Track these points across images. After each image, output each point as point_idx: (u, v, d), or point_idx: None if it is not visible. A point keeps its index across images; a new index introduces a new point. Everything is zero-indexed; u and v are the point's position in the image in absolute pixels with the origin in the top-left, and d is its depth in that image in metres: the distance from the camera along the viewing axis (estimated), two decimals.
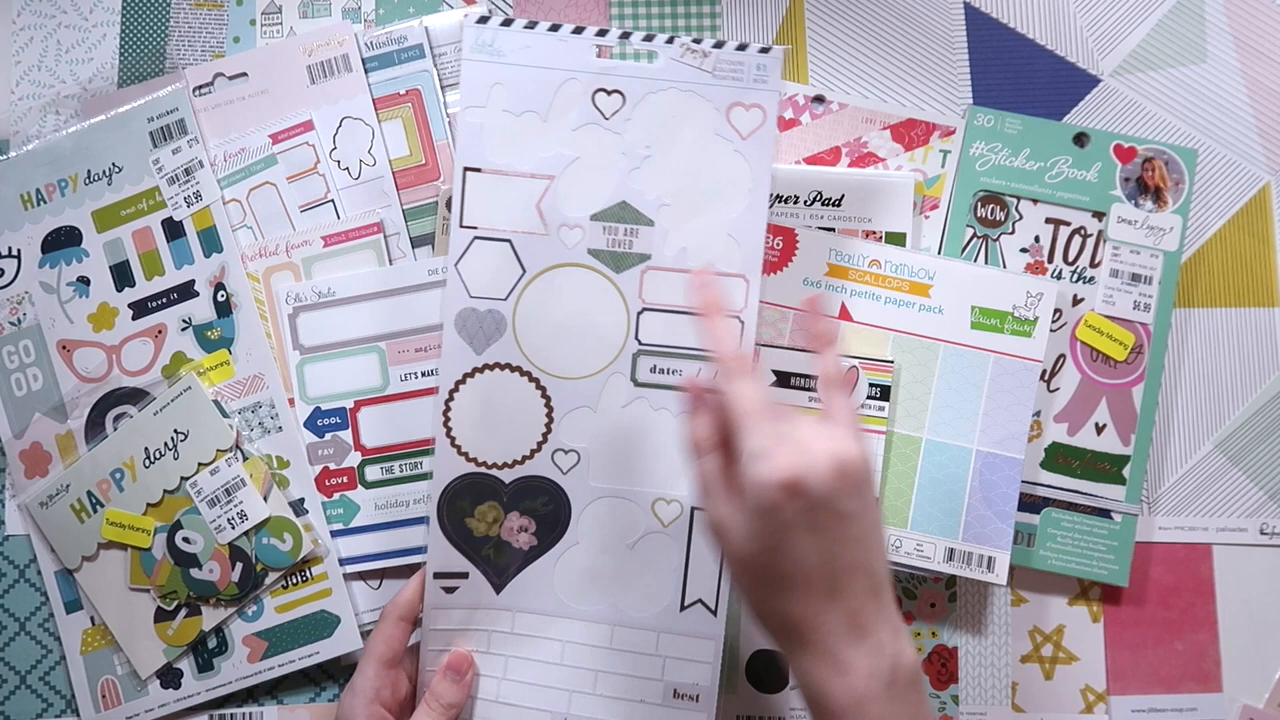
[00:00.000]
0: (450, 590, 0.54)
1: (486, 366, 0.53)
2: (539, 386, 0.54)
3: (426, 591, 0.55)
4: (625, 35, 0.51)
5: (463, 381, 0.53)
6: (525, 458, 0.54)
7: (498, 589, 0.55)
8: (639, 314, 0.53)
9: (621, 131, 0.52)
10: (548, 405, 0.54)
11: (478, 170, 0.52)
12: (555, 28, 0.51)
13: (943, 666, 0.60)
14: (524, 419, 0.54)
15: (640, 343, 0.53)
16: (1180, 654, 0.60)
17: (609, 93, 0.52)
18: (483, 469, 0.54)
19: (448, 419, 0.54)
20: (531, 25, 0.51)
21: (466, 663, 0.54)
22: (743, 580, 0.45)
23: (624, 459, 0.55)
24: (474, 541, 0.54)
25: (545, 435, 0.54)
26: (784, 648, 0.45)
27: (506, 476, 0.54)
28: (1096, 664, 0.60)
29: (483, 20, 0.52)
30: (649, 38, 0.51)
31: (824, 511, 0.43)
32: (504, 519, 0.54)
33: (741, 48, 0.51)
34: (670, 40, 0.51)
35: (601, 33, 0.51)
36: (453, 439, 0.54)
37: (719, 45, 0.51)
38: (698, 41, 0.51)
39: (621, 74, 0.52)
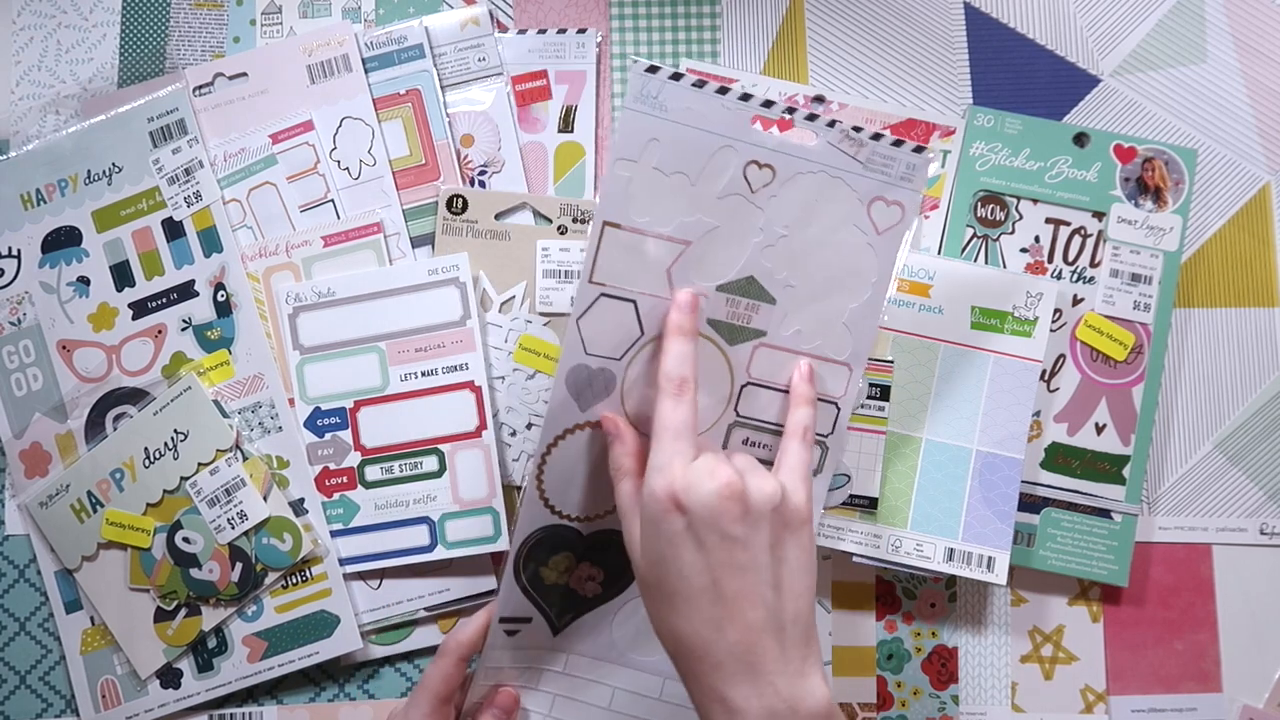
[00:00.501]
0: (512, 633, 0.54)
1: (589, 424, 0.53)
2: None
3: (490, 633, 0.54)
4: (790, 110, 0.50)
5: (562, 437, 0.53)
6: (608, 512, 0.54)
7: (555, 631, 0.55)
8: (743, 387, 0.53)
9: (765, 207, 0.51)
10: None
11: (617, 226, 0.51)
12: (723, 90, 0.50)
13: (943, 666, 0.60)
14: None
15: (739, 415, 0.53)
16: (1180, 654, 0.60)
17: (761, 166, 0.51)
18: (564, 521, 0.54)
19: (542, 471, 0.53)
20: (700, 84, 0.50)
21: (513, 702, 0.54)
22: (644, 596, 0.47)
23: None
24: (543, 589, 0.54)
25: None
26: (680, 673, 0.45)
27: (585, 529, 0.54)
28: (1096, 664, 0.60)
29: (653, 70, 0.50)
30: (812, 117, 0.51)
31: (706, 530, 0.43)
32: (575, 568, 0.54)
33: (898, 144, 0.50)
34: (832, 124, 0.50)
35: (768, 104, 0.50)
36: (542, 491, 0.53)
37: (876, 137, 0.51)
38: (857, 130, 0.50)
39: (776, 148, 0.51)
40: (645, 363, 0.52)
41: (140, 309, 0.59)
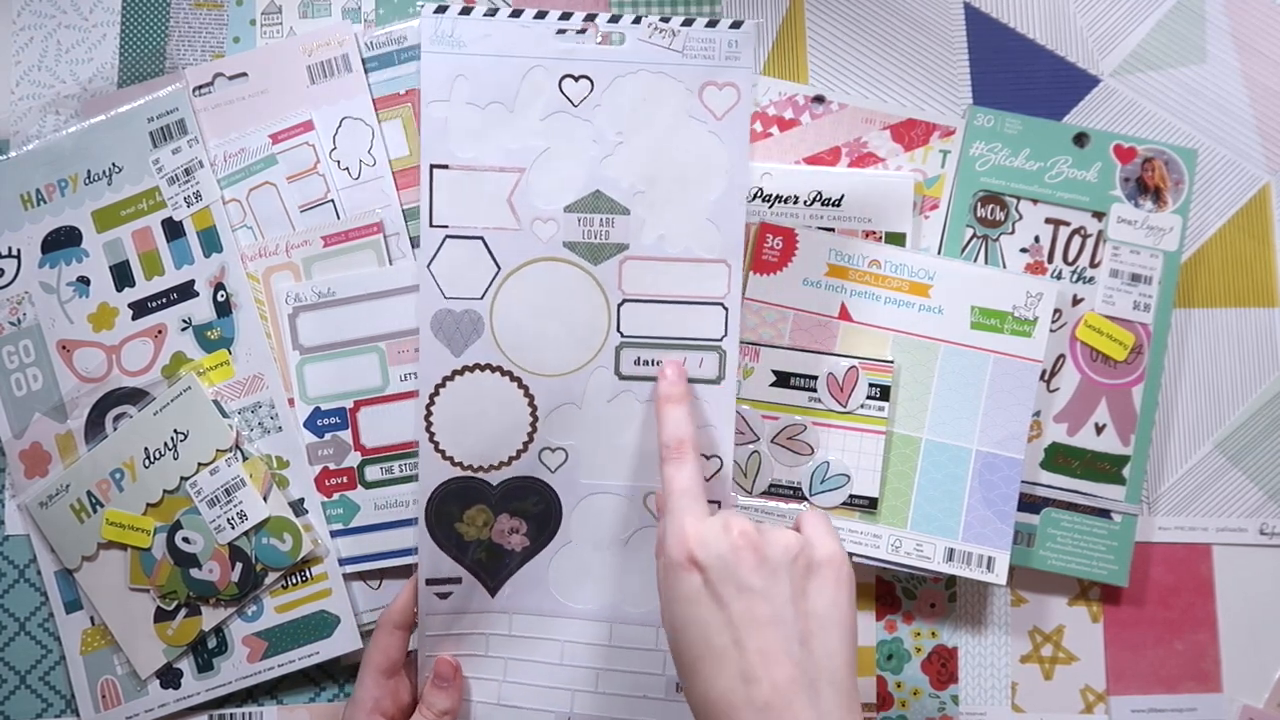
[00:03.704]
0: (444, 596, 0.54)
1: (466, 368, 0.52)
2: (521, 385, 0.53)
3: (420, 599, 0.54)
4: (590, 17, 0.50)
5: (443, 385, 0.53)
6: (512, 458, 0.54)
7: (492, 592, 0.54)
8: (619, 305, 0.52)
9: (591, 118, 0.51)
10: (531, 404, 0.53)
11: (445, 167, 0.51)
12: (517, 13, 0.50)
13: (943, 666, 0.60)
14: (508, 419, 0.54)
15: (622, 335, 0.52)
16: (1180, 654, 0.60)
17: (576, 78, 0.50)
18: (469, 472, 0.54)
19: (430, 424, 0.53)
20: (492, 12, 0.50)
21: (452, 668, 0.54)
22: (677, 670, 0.44)
23: (612, 454, 0.54)
24: (465, 546, 0.54)
25: (531, 434, 0.54)
26: None
27: (494, 479, 0.54)
28: (1096, 664, 0.60)
29: (441, 9, 0.50)
30: (615, 18, 0.50)
31: (724, 583, 0.41)
32: (494, 521, 0.54)
33: (711, 24, 0.50)
34: (637, 20, 0.50)
35: (565, 15, 0.50)
36: (436, 444, 0.53)
37: (688, 23, 0.50)
38: (665, 20, 0.50)
39: (588, 58, 0.50)
40: (512, 298, 0.51)
41: (140, 309, 0.59)
